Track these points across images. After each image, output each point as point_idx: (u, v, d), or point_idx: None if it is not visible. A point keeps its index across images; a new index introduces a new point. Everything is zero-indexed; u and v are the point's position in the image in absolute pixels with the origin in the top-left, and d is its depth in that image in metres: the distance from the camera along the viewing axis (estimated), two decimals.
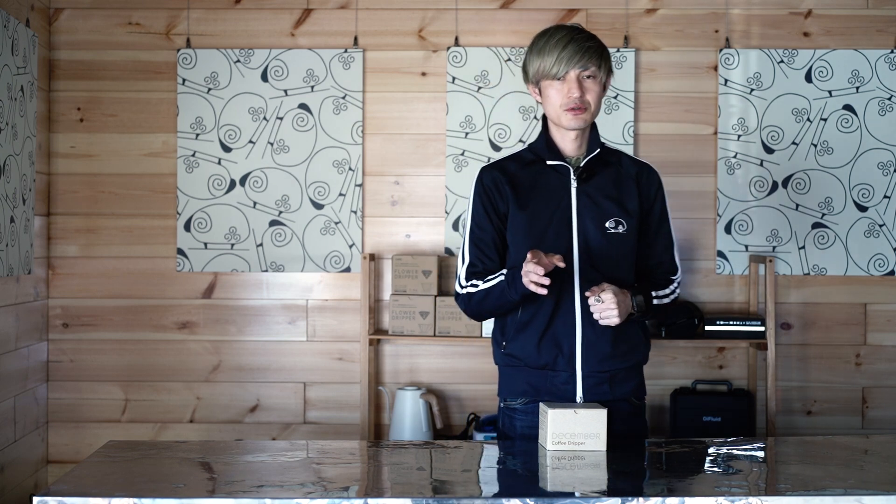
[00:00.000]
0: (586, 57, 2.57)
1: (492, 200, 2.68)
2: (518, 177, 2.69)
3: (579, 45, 2.57)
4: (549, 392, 2.65)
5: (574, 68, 2.57)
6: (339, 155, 4.22)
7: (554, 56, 2.57)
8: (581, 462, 2.34)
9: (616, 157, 2.74)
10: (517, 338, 2.67)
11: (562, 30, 2.62)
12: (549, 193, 2.66)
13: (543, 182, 2.68)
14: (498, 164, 2.73)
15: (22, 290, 3.94)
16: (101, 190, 4.25)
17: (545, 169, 2.69)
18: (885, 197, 4.19)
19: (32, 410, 4.08)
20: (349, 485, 2.21)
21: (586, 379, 2.63)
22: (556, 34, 2.60)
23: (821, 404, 4.23)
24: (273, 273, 4.23)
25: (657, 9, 4.23)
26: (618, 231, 2.65)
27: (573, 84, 2.58)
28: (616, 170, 2.71)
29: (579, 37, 2.59)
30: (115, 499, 2.03)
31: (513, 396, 2.72)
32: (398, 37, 4.25)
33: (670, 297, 2.72)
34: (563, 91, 2.60)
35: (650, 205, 2.72)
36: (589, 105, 2.60)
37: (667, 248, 2.75)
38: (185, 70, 4.21)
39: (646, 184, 2.72)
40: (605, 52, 2.62)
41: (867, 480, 2.24)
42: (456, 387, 4.23)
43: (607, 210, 2.65)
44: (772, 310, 3.97)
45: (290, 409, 4.25)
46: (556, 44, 2.58)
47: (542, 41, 2.62)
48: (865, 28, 4.21)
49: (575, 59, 2.56)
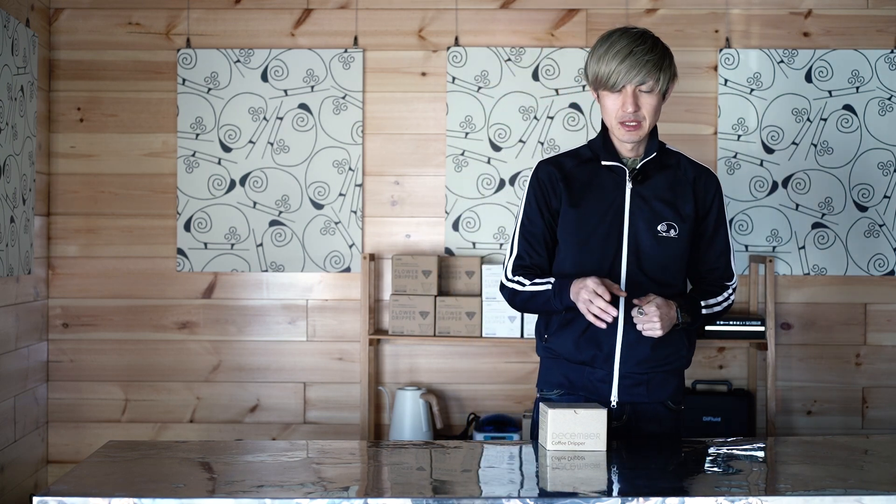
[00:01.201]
0: (644, 71, 2.52)
1: (545, 195, 2.67)
2: (573, 174, 2.67)
3: (638, 58, 2.51)
4: (584, 388, 2.64)
5: (630, 83, 2.53)
6: (339, 155, 4.22)
7: (612, 68, 2.52)
8: (581, 462, 2.34)
9: (675, 160, 2.71)
10: (559, 333, 2.66)
11: (624, 38, 2.54)
12: (603, 193, 2.64)
13: (598, 181, 2.66)
14: (555, 160, 2.72)
15: (22, 290, 3.94)
16: (101, 190, 4.25)
17: (601, 168, 2.66)
18: (885, 197, 4.19)
19: (32, 410, 4.08)
20: (349, 485, 2.21)
21: (623, 379, 2.62)
22: (618, 44, 2.54)
23: (821, 404, 4.23)
24: (273, 273, 4.23)
25: (657, 9, 4.23)
26: (669, 235, 2.62)
27: (629, 98, 2.55)
28: (674, 172, 2.68)
29: (639, 49, 2.52)
30: (115, 499, 2.03)
31: (549, 387, 2.71)
32: (398, 37, 4.25)
33: (723, 305, 2.70)
34: (618, 103, 2.57)
35: (706, 210, 2.69)
36: (644, 119, 2.57)
37: (722, 253, 2.72)
38: (185, 70, 4.21)
39: (703, 189, 2.69)
40: (667, 61, 2.56)
41: (867, 480, 2.24)
42: (456, 387, 4.23)
43: (660, 213, 2.63)
44: (772, 310, 3.97)
45: (290, 409, 4.25)
46: (616, 55, 2.52)
47: (603, 48, 2.56)
48: (865, 28, 4.21)
49: (632, 74, 2.52)
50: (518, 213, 2.72)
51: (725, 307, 2.72)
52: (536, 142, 4.18)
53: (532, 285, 2.64)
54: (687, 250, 2.67)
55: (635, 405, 2.64)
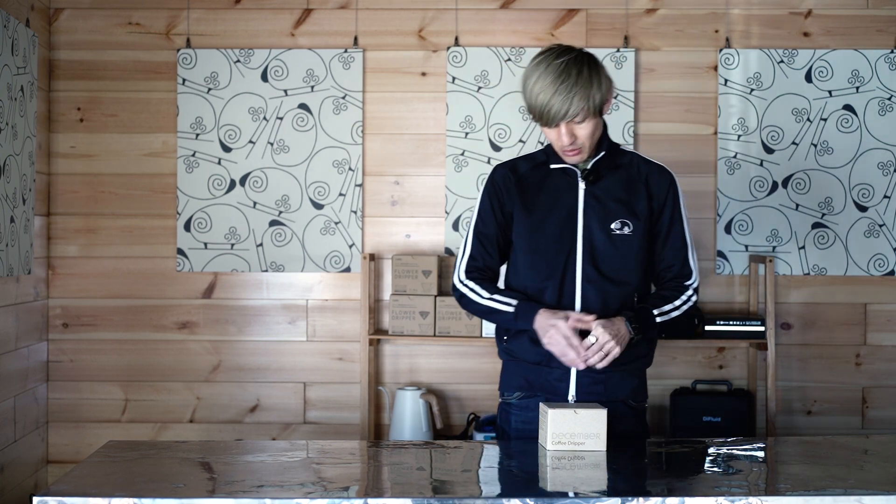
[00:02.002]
0: (572, 107, 2.51)
1: (499, 199, 2.71)
2: (527, 177, 2.71)
3: (564, 96, 2.50)
4: (542, 388, 2.66)
5: (562, 121, 2.54)
6: (339, 155, 4.22)
7: (540, 108, 2.54)
8: (581, 462, 2.34)
9: (628, 159, 2.73)
10: (518, 335, 2.68)
11: (547, 74, 2.52)
12: (556, 195, 2.67)
13: (552, 183, 2.69)
14: (511, 164, 2.76)
15: (22, 290, 3.94)
16: (101, 190, 4.25)
17: (555, 170, 2.70)
18: (885, 197, 4.19)
19: (32, 410, 4.08)
20: (349, 485, 2.21)
21: (581, 378, 2.64)
22: (542, 81, 2.52)
23: (821, 404, 4.23)
24: (273, 273, 4.23)
25: (657, 9, 4.23)
26: (623, 232, 2.64)
27: (563, 133, 2.56)
28: (627, 171, 2.70)
29: (563, 86, 2.50)
30: (115, 499, 2.03)
31: (509, 391, 2.74)
32: (398, 37, 4.25)
33: (681, 309, 2.69)
34: (554, 136, 2.60)
35: (660, 207, 2.69)
36: (584, 143, 2.59)
37: (678, 250, 2.71)
38: (185, 70, 4.22)
39: (656, 185, 2.70)
40: (595, 82, 2.53)
41: (867, 480, 2.24)
42: (456, 387, 4.23)
43: (613, 211, 2.65)
44: (772, 310, 3.97)
45: (290, 409, 4.25)
46: (542, 96, 2.52)
47: (529, 85, 2.55)
48: (865, 28, 4.21)
49: (561, 113, 2.52)
50: (473, 214, 2.77)
51: (685, 310, 2.70)
52: (536, 142, 4.18)
53: (490, 300, 2.67)
54: (644, 248, 2.67)
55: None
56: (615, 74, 4.17)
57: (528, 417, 2.67)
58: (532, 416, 2.65)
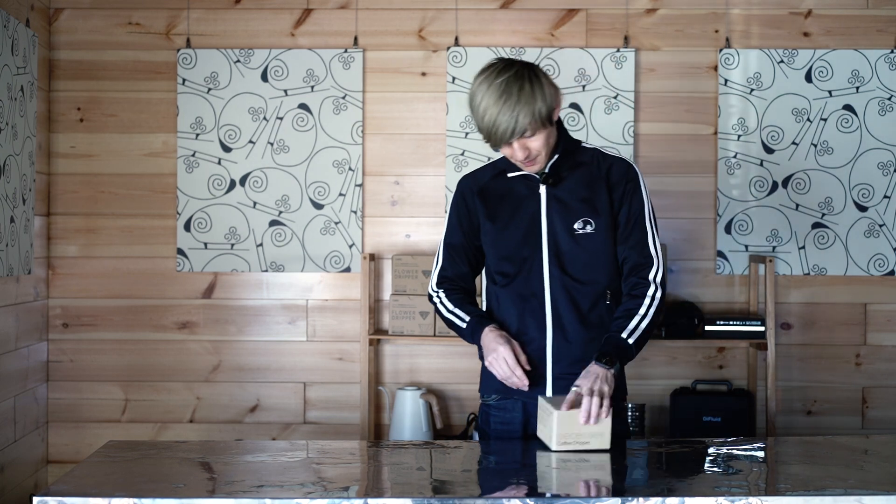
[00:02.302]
0: (518, 126, 2.49)
1: (467, 210, 2.75)
2: (490, 186, 2.73)
3: (508, 116, 2.48)
4: (519, 392, 2.65)
5: (511, 139, 2.53)
6: (339, 155, 4.22)
7: (488, 131, 2.52)
8: (584, 464, 2.34)
9: (590, 156, 2.70)
10: None
11: (489, 96, 2.50)
12: (519, 201, 2.68)
13: (514, 190, 2.70)
14: (473, 174, 2.79)
15: (22, 290, 3.94)
16: (101, 190, 4.25)
17: (516, 177, 2.70)
18: (885, 197, 4.19)
19: (32, 410, 4.08)
20: (349, 485, 2.21)
21: (557, 380, 2.63)
22: (485, 101, 2.50)
23: (821, 404, 4.23)
24: (273, 273, 4.23)
25: (657, 9, 4.23)
26: (586, 231, 2.63)
27: (515, 150, 2.56)
28: (588, 169, 2.68)
29: (507, 106, 2.48)
30: (115, 499, 2.03)
31: (487, 393, 2.75)
32: (398, 37, 4.25)
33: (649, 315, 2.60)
34: (508, 153, 2.60)
35: (619, 197, 2.66)
36: (538, 153, 2.58)
37: (639, 240, 2.66)
38: (185, 70, 4.22)
39: (615, 178, 2.66)
40: (538, 95, 2.50)
41: (867, 480, 2.24)
42: (456, 387, 4.23)
43: (576, 211, 2.64)
44: (772, 310, 3.97)
45: (290, 409, 4.25)
46: (488, 117, 2.50)
47: (474, 106, 2.53)
48: (865, 28, 4.21)
49: (508, 133, 2.51)
50: (445, 226, 2.81)
51: (654, 313, 2.61)
52: None
53: (450, 313, 2.75)
54: (609, 244, 2.66)
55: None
56: (615, 74, 4.18)
57: (507, 418, 2.70)
58: (510, 417, 2.69)
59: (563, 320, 2.62)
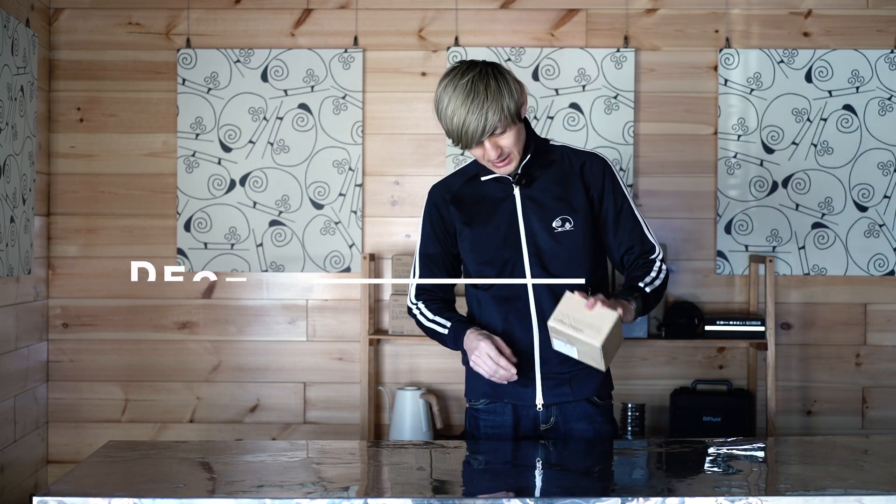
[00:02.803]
0: (488, 123, 2.47)
1: (441, 219, 2.71)
2: (462, 193, 2.70)
3: (476, 116, 2.46)
4: (508, 394, 2.65)
5: (482, 138, 2.50)
6: (339, 155, 4.22)
7: (458, 133, 2.50)
8: (584, 463, 2.34)
9: (559, 154, 2.69)
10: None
11: (455, 98, 2.48)
12: (494, 204, 2.66)
13: (487, 194, 2.67)
14: (444, 182, 2.76)
15: (22, 290, 3.94)
16: (101, 190, 4.25)
17: (489, 181, 2.68)
18: (885, 197, 4.19)
19: (32, 410, 4.08)
20: (349, 485, 2.21)
21: (546, 381, 2.63)
22: (452, 103, 2.48)
23: (821, 404, 4.23)
24: (273, 273, 4.23)
25: (657, 9, 4.23)
26: (565, 229, 2.62)
27: (487, 149, 2.54)
28: (560, 167, 2.67)
29: (474, 105, 2.46)
30: (115, 499, 2.03)
31: (475, 397, 2.72)
32: (398, 37, 4.25)
33: (661, 278, 2.65)
34: (480, 154, 2.57)
35: (599, 193, 2.65)
36: (511, 152, 2.56)
37: (633, 229, 2.67)
38: (185, 70, 4.22)
39: (590, 174, 2.66)
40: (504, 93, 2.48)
41: (867, 480, 2.24)
42: (456, 387, 4.23)
43: (553, 209, 2.63)
44: (772, 310, 3.97)
45: (290, 409, 4.25)
46: (457, 119, 2.48)
47: (441, 110, 2.51)
48: (865, 28, 4.21)
49: (478, 133, 2.48)
50: (418, 237, 2.77)
51: (664, 279, 2.66)
52: None
53: (431, 322, 2.72)
54: (590, 241, 2.65)
55: (562, 406, 2.64)
56: (615, 74, 4.18)
57: (497, 422, 2.67)
58: (500, 421, 2.66)
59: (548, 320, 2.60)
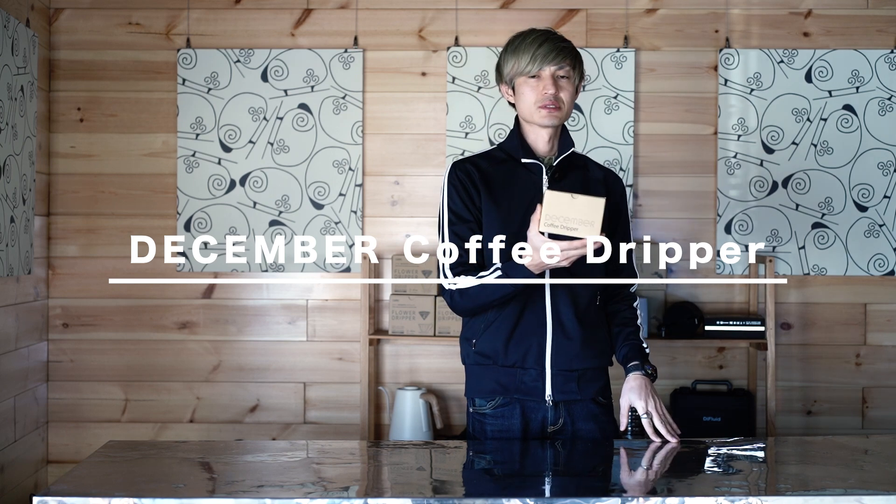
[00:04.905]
0: (561, 56, 2.60)
1: (468, 191, 2.65)
2: (490, 173, 2.68)
3: (554, 44, 2.61)
4: (518, 390, 2.65)
5: (549, 65, 2.60)
6: (339, 155, 4.22)
7: (530, 54, 2.60)
8: (583, 463, 2.33)
9: (583, 162, 2.77)
10: (487, 336, 2.65)
11: (536, 31, 2.66)
12: (522, 191, 2.66)
13: (515, 180, 2.67)
14: (470, 160, 2.72)
15: (22, 290, 3.94)
16: (101, 190, 4.26)
17: (517, 167, 2.68)
18: (885, 197, 4.19)
19: (32, 410, 4.08)
20: (349, 485, 2.21)
21: (555, 377, 2.63)
22: (532, 34, 2.65)
23: (821, 404, 4.23)
24: (273, 273, 4.23)
25: (657, 9, 4.23)
26: None
27: (548, 81, 2.61)
28: (583, 173, 2.73)
29: (554, 37, 2.63)
30: (115, 499, 2.03)
31: (482, 396, 2.69)
32: (398, 37, 4.25)
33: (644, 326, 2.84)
34: (538, 88, 2.61)
35: (615, 209, 2.73)
36: (563, 103, 2.62)
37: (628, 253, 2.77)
38: (185, 70, 4.22)
39: (613, 188, 2.76)
40: (579, 55, 2.67)
41: (867, 480, 2.24)
42: (456, 387, 4.23)
43: None
44: (772, 310, 3.97)
45: (290, 409, 4.25)
46: (532, 42, 2.61)
47: (518, 41, 2.66)
48: (865, 28, 4.21)
49: (550, 57, 2.59)
50: (442, 217, 2.67)
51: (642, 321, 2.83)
52: None
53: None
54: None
55: (569, 404, 2.65)
56: (615, 74, 4.18)
57: (505, 426, 2.65)
58: (509, 425, 2.65)
59: (561, 317, 2.62)
